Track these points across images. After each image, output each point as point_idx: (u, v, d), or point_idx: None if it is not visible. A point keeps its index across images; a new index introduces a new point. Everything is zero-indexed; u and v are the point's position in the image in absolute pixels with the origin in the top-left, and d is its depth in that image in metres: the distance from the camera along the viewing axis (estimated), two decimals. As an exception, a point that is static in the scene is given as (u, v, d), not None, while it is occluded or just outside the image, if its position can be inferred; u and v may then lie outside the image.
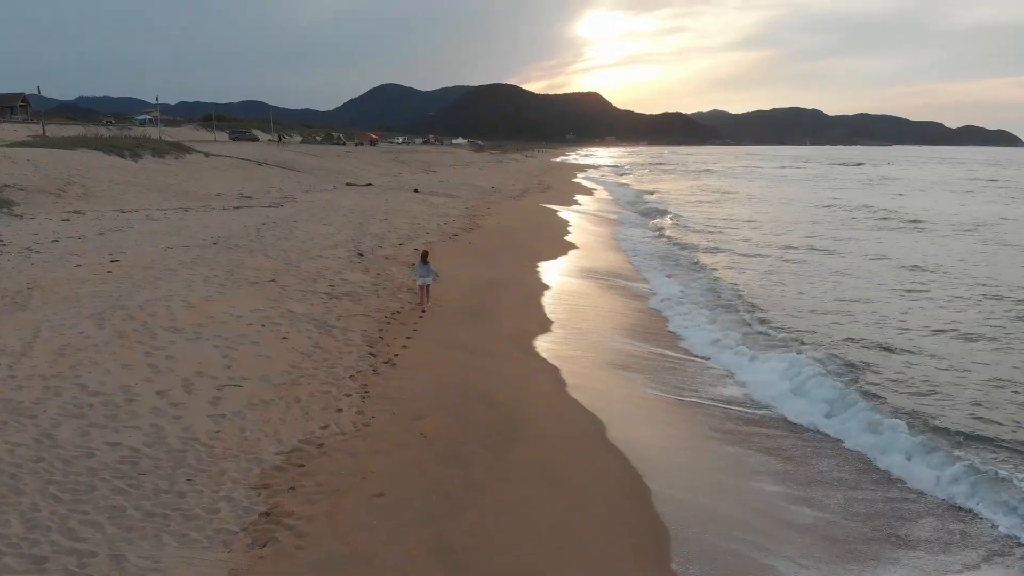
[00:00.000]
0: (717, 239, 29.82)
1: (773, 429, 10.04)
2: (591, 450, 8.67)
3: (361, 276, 16.74)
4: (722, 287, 19.48)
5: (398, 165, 70.28)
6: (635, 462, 8.32)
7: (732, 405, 10.88)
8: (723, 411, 10.62)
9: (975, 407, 10.54)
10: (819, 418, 10.26)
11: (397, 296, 15.37)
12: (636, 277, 21.10)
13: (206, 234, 19.49)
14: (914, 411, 10.23)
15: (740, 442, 9.48)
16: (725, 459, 8.97)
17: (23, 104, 73.63)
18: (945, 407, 10.49)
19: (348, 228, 23.79)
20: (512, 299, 16.48)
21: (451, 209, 34.55)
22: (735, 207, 46.61)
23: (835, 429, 9.94)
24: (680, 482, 8.16)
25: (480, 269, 19.87)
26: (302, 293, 14.23)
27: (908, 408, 10.36)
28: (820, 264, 23.62)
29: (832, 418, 10.26)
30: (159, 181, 30.01)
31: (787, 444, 9.53)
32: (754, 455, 9.10)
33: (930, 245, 28.10)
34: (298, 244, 19.51)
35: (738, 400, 11.11)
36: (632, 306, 17.33)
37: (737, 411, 10.68)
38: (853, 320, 15.86)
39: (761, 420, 10.37)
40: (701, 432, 9.78)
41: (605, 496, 7.61)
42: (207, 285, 13.79)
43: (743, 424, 10.17)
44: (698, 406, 10.78)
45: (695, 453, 9.14)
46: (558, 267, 21.45)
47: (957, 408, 10.49)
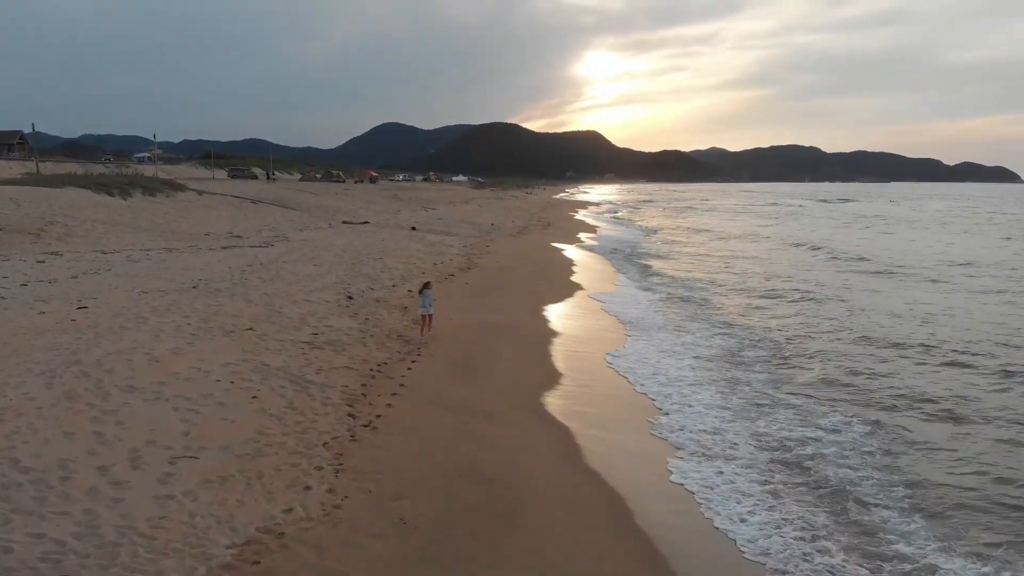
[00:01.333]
0: (720, 286, 28.78)
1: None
2: (611, 540, 7.38)
3: (348, 322, 15.64)
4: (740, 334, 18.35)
5: (397, 202, 69.67)
6: (666, 551, 7.08)
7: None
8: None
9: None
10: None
11: (385, 345, 14.25)
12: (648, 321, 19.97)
13: (187, 277, 18.44)
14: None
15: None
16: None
17: (20, 142, 73.36)
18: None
19: (339, 269, 22.76)
20: (512, 347, 15.35)
21: (448, 248, 33.60)
22: (735, 245, 45.68)
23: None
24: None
25: (477, 312, 18.79)
26: (281, 343, 13.11)
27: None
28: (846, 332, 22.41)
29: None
30: (147, 220, 29.08)
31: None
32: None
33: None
34: (283, 287, 18.45)
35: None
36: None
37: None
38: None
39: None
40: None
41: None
42: (177, 335, 12.68)
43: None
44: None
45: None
46: (563, 310, 20.34)
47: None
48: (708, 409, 11.80)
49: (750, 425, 11.04)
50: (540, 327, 17.79)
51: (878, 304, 22.58)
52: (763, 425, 11.09)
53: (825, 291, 25.04)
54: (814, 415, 11.62)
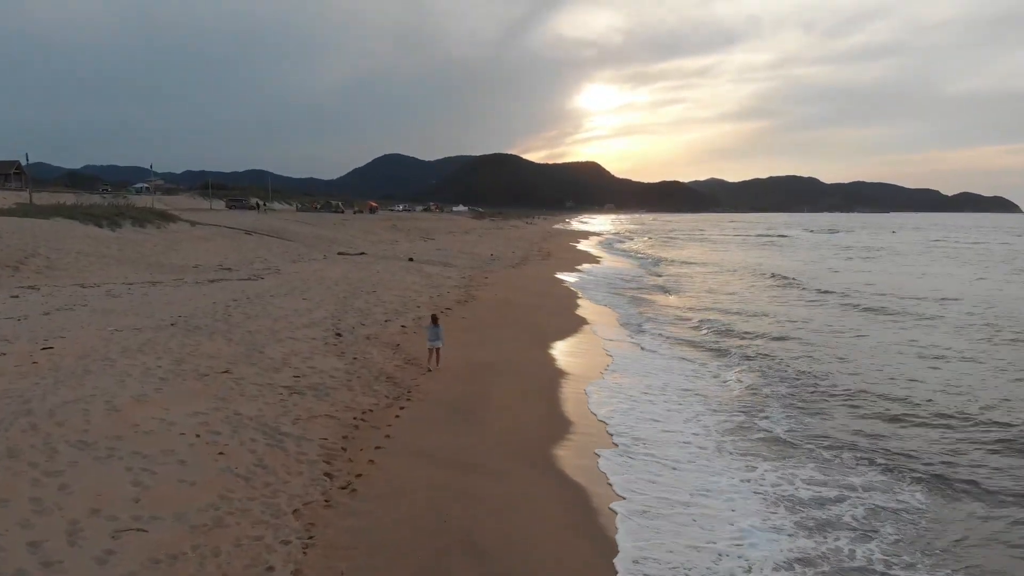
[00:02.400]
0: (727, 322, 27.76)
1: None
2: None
3: (334, 362, 14.60)
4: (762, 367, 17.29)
5: (395, 233, 68.95)
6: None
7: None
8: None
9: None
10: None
11: (373, 388, 13.18)
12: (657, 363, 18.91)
13: (167, 313, 17.44)
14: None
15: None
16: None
17: (17, 172, 72.94)
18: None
19: (330, 303, 21.77)
20: (513, 389, 14.27)
21: (446, 280, 32.65)
22: (736, 280, 44.76)
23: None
24: None
25: (474, 349, 17.75)
26: (258, 387, 12.05)
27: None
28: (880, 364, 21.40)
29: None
30: (133, 252, 28.16)
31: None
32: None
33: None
34: (268, 323, 17.44)
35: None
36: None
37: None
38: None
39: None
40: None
41: None
42: (145, 379, 11.64)
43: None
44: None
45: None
46: (568, 347, 19.26)
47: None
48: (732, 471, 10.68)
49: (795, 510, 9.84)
50: (544, 366, 16.72)
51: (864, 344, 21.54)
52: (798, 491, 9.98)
53: (833, 338, 23.95)
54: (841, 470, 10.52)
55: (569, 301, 28.81)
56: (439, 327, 15.64)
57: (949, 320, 25.16)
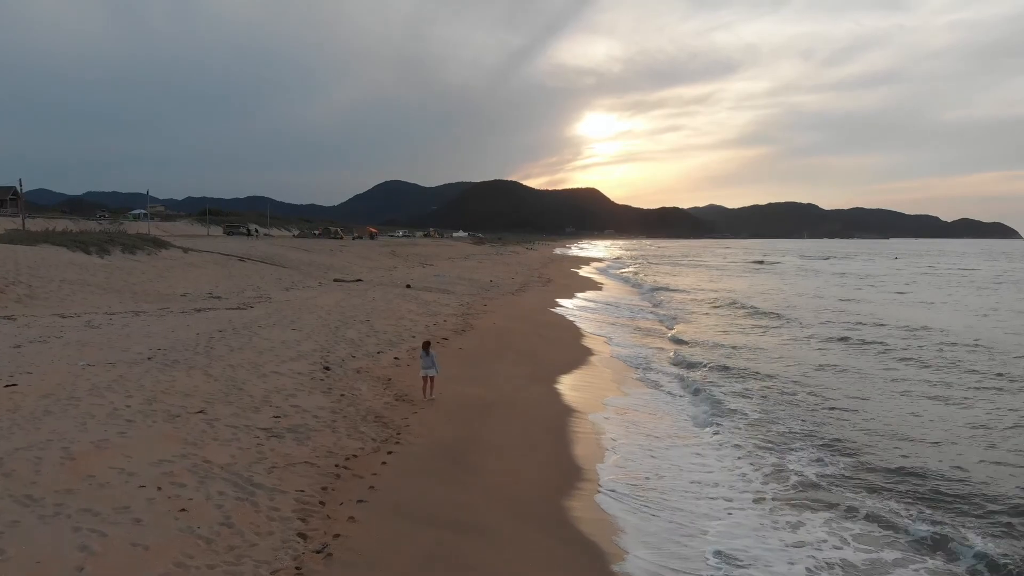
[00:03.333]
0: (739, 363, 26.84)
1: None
2: None
3: (319, 400, 13.64)
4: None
5: (393, 259, 68.20)
6: None
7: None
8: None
9: None
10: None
11: (359, 430, 12.20)
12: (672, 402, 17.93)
13: (146, 345, 16.51)
14: None
15: None
16: None
17: (13, 198, 72.38)
18: None
19: (320, 334, 20.84)
20: (512, 430, 13.29)
21: (443, 307, 31.75)
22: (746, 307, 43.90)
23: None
24: None
25: (471, 384, 16.79)
26: (234, 430, 11.09)
27: None
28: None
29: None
30: (120, 280, 27.28)
31: None
32: None
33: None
34: (253, 356, 16.50)
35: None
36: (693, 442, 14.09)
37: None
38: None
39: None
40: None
41: None
42: (110, 422, 10.68)
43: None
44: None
45: None
46: (574, 381, 18.29)
47: None
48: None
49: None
50: (547, 403, 15.75)
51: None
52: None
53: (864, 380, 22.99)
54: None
55: (570, 331, 27.89)
56: (432, 354, 14.97)
57: (964, 362, 24.23)
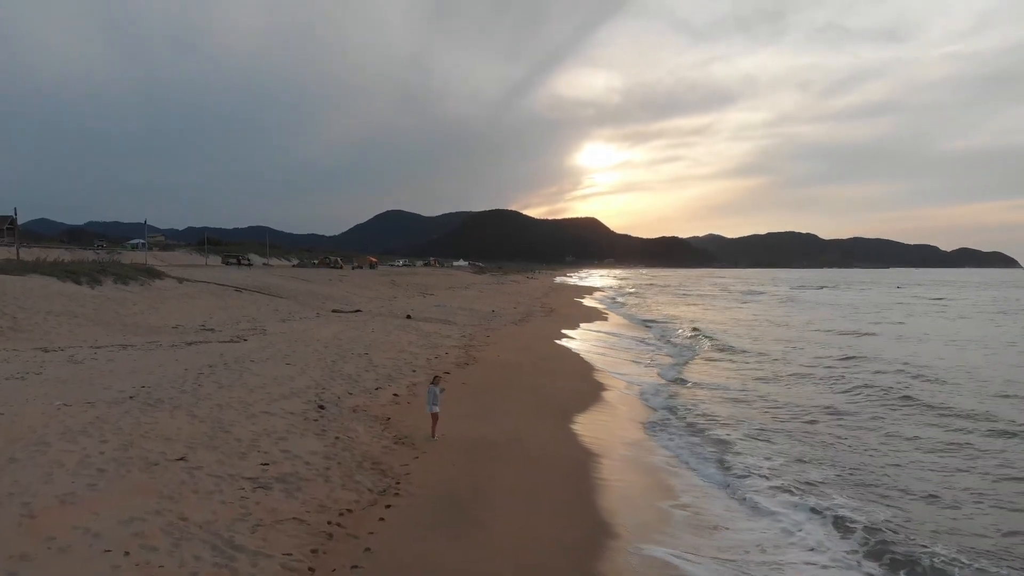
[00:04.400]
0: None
1: None
2: None
3: (312, 443, 12.62)
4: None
5: (393, 288, 67.33)
6: None
7: None
8: None
9: None
10: None
11: (354, 479, 11.17)
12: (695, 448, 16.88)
13: (129, 382, 15.52)
14: None
15: None
16: None
17: (10, 227, 71.74)
18: None
19: (315, 368, 19.86)
20: (524, 478, 12.23)
21: (444, 339, 30.78)
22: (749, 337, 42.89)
23: None
24: None
25: (476, 422, 15.75)
26: (216, 480, 10.07)
27: None
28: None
29: None
30: (110, 312, 26.34)
31: None
32: None
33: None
34: (243, 394, 15.50)
35: None
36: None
37: None
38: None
39: None
40: None
41: None
42: (79, 471, 9.66)
43: None
44: None
45: None
46: (587, 419, 17.22)
47: None
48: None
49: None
50: (562, 444, 14.68)
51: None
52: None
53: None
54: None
55: (578, 364, 26.85)
56: (432, 389, 14.36)
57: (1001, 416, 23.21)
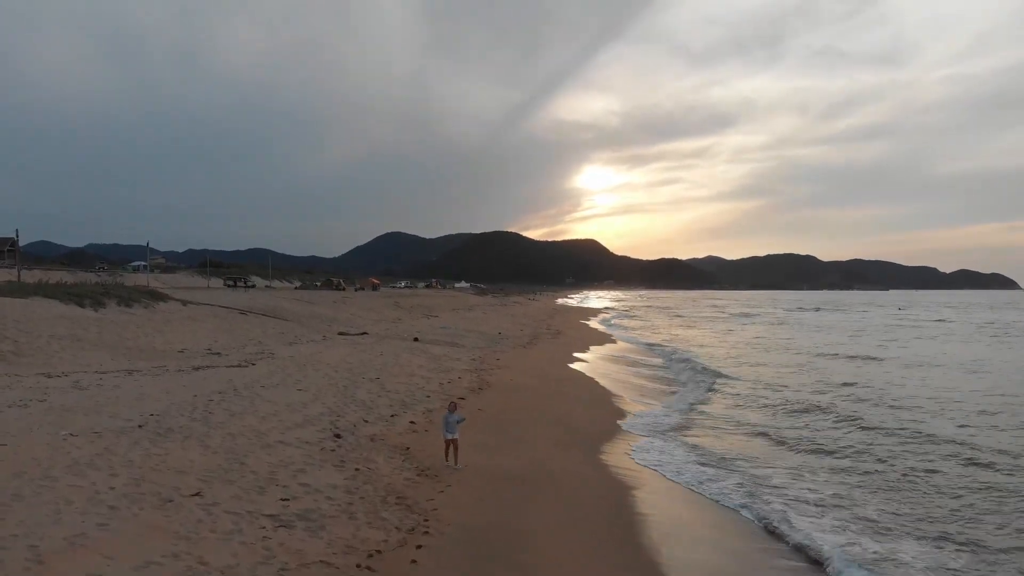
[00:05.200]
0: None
1: None
2: None
3: (332, 475, 11.96)
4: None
5: (398, 310, 66.72)
6: None
7: None
8: None
9: None
10: None
11: (380, 515, 10.49)
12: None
13: (136, 410, 14.87)
14: None
15: None
16: None
17: (11, 249, 71.29)
18: None
19: (328, 394, 19.22)
20: (559, 512, 11.59)
21: (455, 362, 30.14)
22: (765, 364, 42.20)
23: None
24: None
25: (498, 454, 15.08)
26: (235, 518, 9.40)
27: None
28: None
29: None
30: (114, 335, 25.71)
31: None
32: None
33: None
34: (255, 423, 14.85)
35: None
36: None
37: None
38: None
39: None
40: None
41: None
42: (89, 509, 9.00)
43: None
44: None
45: None
46: (611, 450, 16.53)
47: None
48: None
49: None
50: (593, 476, 14.05)
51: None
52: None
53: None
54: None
55: (594, 390, 26.20)
56: (449, 415, 13.86)
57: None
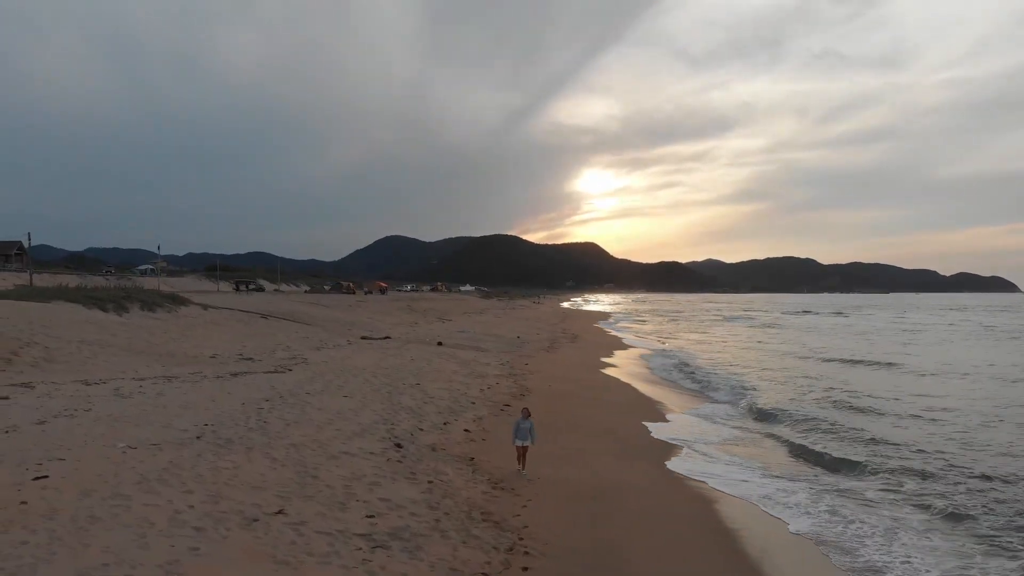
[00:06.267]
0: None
1: None
2: None
3: (406, 489, 11.32)
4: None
5: (412, 314, 66.07)
6: None
7: None
8: None
9: None
10: None
11: (471, 533, 9.86)
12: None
13: (188, 420, 14.23)
14: None
15: None
16: None
17: (19, 253, 70.60)
18: None
19: (375, 401, 18.62)
20: (649, 529, 10.97)
21: (485, 367, 29.52)
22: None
23: None
24: None
25: (560, 464, 14.45)
26: (328, 538, 8.77)
27: None
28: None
29: None
30: (143, 340, 25.06)
31: None
32: None
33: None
34: (313, 432, 14.22)
35: None
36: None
37: None
38: None
39: None
40: None
41: None
42: (175, 532, 8.36)
43: None
44: None
45: None
46: (676, 462, 15.88)
47: None
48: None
49: None
50: (669, 490, 13.41)
51: None
52: None
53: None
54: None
55: (633, 396, 25.58)
56: (530, 421, 13.69)
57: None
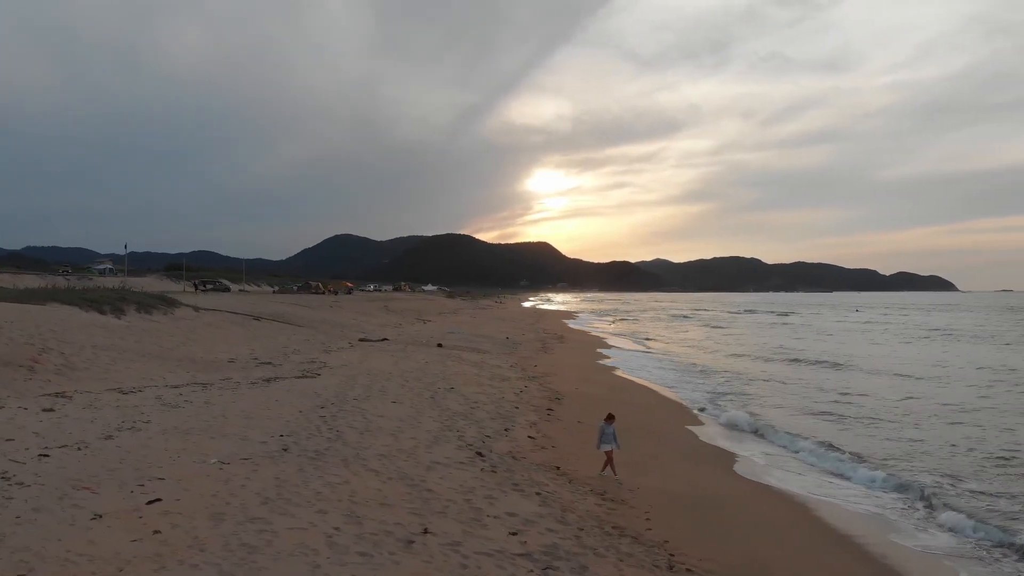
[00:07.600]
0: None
1: None
2: None
3: (524, 503, 10.81)
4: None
5: (391, 315, 64.96)
6: None
7: None
8: None
9: None
10: None
11: (621, 551, 9.43)
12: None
13: (260, 430, 13.41)
14: None
15: None
16: None
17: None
18: None
19: (424, 405, 18.03)
20: (782, 544, 10.76)
21: (498, 369, 29.06)
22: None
23: None
24: None
25: (639, 472, 14.18)
26: (494, 561, 8.22)
27: None
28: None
29: None
30: (152, 344, 23.75)
31: None
32: None
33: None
34: (391, 442, 13.59)
35: None
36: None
37: None
38: None
39: None
40: None
41: None
42: (343, 559, 7.65)
43: None
44: None
45: None
46: (738, 464, 15.77)
47: None
48: None
49: None
50: (752, 494, 13.28)
51: None
52: None
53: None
54: None
55: (653, 396, 25.44)
56: (613, 426, 13.81)
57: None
